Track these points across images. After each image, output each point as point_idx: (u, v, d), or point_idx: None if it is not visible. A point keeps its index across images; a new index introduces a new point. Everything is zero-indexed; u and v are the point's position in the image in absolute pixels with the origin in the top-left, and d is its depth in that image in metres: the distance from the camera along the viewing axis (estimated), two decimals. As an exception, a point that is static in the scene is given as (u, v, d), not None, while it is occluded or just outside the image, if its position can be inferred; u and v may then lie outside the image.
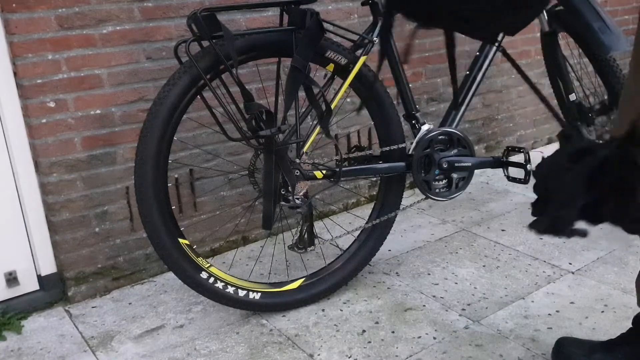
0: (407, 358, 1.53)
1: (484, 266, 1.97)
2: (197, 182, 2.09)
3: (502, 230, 2.23)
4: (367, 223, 1.91)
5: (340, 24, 1.99)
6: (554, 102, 2.19)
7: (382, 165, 1.85)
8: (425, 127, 1.87)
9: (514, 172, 1.89)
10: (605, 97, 2.12)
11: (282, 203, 1.69)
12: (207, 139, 2.07)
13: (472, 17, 1.39)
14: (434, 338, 1.60)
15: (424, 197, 1.89)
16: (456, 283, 1.87)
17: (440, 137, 1.86)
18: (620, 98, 1.21)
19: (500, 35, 1.90)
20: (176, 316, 1.80)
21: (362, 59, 1.75)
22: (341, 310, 1.77)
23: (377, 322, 1.69)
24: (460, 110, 1.93)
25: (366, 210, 2.32)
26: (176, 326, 1.75)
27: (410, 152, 1.85)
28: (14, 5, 1.67)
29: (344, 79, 1.75)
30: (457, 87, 1.87)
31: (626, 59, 3.76)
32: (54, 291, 1.91)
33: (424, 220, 2.37)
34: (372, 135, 2.46)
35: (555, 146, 3.20)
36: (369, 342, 1.59)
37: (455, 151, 1.87)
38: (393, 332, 1.64)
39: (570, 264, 1.94)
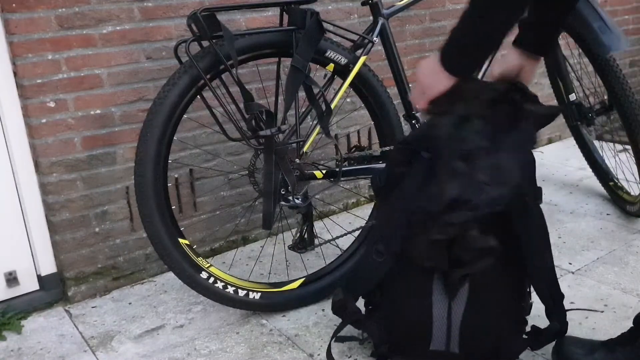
0: (407, 358, 1.53)
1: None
2: (197, 182, 2.09)
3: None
4: (367, 223, 1.91)
5: (340, 24, 1.99)
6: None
7: (382, 165, 1.85)
8: (425, 127, 1.87)
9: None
10: (605, 97, 2.12)
11: (282, 203, 1.69)
12: (207, 139, 2.07)
13: None
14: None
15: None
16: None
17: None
18: None
19: None
20: (176, 316, 1.80)
21: (362, 59, 1.75)
22: (341, 310, 1.77)
23: (377, 322, 1.69)
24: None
25: (366, 210, 2.32)
26: (176, 326, 1.75)
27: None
28: (14, 5, 1.67)
29: (344, 79, 1.75)
30: None
31: (626, 59, 3.77)
32: (54, 291, 1.91)
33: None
34: (372, 135, 2.46)
35: (554, 146, 3.20)
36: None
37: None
38: (393, 332, 1.64)
39: (570, 264, 1.94)
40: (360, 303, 1.52)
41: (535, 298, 1.44)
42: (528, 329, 1.46)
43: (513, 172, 1.23)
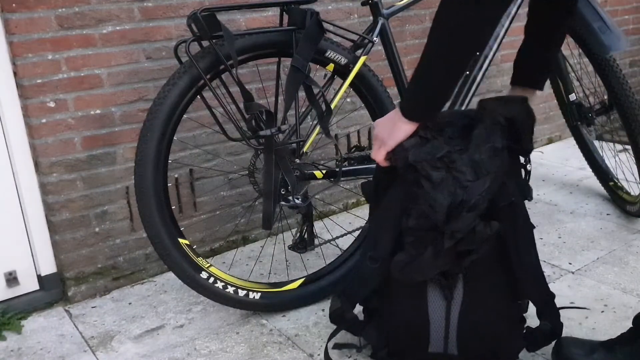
0: (407, 358, 1.53)
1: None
2: (197, 182, 2.09)
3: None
4: (366, 223, 1.91)
5: (340, 24, 1.99)
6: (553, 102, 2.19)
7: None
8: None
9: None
10: (605, 97, 2.12)
11: (282, 203, 1.69)
12: (207, 139, 2.07)
13: None
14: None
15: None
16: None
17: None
18: None
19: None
20: (176, 316, 1.80)
21: (362, 59, 1.75)
22: (341, 310, 1.77)
23: (377, 322, 1.69)
24: (460, 110, 1.93)
25: (366, 210, 2.32)
26: (176, 326, 1.75)
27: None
28: (14, 5, 1.67)
29: (344, 79, 1.75)
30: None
31: (626, 59, 3.77)
32: (54, 291, 1.91)
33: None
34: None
35: (554, 146, 3.20)
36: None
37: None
38: (393, 332, 1.64)
39: (570, 263, 1.94)
40: (358, 308, 1.51)
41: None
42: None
43: (489, 160, 1.24)
